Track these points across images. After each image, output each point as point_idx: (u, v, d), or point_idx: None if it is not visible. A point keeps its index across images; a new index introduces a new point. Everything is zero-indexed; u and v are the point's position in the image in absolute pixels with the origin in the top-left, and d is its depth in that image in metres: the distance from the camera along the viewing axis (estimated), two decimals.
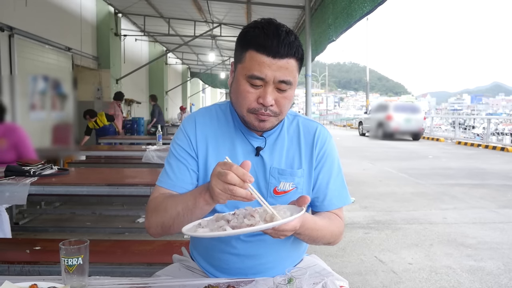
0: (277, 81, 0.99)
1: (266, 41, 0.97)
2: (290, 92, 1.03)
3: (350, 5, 3.67)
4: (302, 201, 0.91)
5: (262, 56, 0.98)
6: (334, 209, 1.16)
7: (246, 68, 1.00)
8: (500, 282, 2.73)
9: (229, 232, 0.81)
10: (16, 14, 5.34)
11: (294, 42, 1.00)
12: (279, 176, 1.10)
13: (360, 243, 3.51)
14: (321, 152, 1.14)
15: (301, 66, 1.06)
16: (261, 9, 7.16)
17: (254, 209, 0.86)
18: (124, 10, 8.88)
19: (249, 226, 0.81)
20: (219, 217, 0.88)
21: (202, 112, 1.17)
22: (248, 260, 1.10)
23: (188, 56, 15.24)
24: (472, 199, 5.25)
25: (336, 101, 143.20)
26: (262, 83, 1.00)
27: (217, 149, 1.11)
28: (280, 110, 1.04)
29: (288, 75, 1.00)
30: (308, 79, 5.25)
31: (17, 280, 0.93)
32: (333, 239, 1.12)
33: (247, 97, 1.02)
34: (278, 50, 0.97)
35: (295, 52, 1.00)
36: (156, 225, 1.04)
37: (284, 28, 1.00)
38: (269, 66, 0.98)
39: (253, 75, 0.99)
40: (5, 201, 2.29)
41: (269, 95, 1.00)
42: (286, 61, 0.99)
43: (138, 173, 2.73)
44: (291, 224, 0.86)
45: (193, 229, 0.87)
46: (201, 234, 0.83)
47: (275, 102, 1.02)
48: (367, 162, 8.93)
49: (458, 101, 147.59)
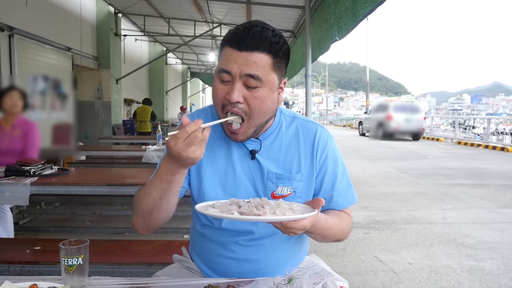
0: (243, 74, 0.95)
1: (236, 34, 0.96)
2: (261, 92, 0.97)
3: (354, 5, 3.67)
4: (317, 203, 0.89)
5: (230, 49, 0.96)
6: (342, 209, 1.14)
7: (219, 64, 0.99)
8: (500, 282, 2.73)
9: (235, 216, 0.82)
10: (16, 14, 5.34)
11: (268, 37, 0.95)
12: (277, 181, 1.07)
13: (360, 243, 3.51)
14: (323, 156, 1.11)
15: (281, 66, 1.01)
16: (261, 9, 7.16)
17: (267, 201, 0.86)
18: (124, 10, 8.88)
19: (256, 216, 0.82)
20: (233, 202, 0.89)
21: (198, 114, 1.16)
22: (247, 265, 1.09)
23: (188, 56, 15.24)
24: (472, 199, 5.25)
25: (336, 101, 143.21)
26: (230, 78, 0.97)
27: (212, 153, 1.09)
28: (250, 112, 0.98)
29: (256, 69, 0.95)
30: (308, 79, 5.26)
31: (17, 280, 0.93)
32: (343, 236, 1.10)
33: (217, 94, 1.00)
34: (243, 42, 0.94)
35: (266, 46, 0.95)
36: (139, 219, 1.03)
37: (263, 25, 0.98)
38: (235, 59, 0.95)
39: (221, 68, 0.97)
40: (6, 201, 2.30)
41: (236, 91, 0.95)
42: (255, 55, 0.95)
43: (138, 173, 2.73)
44: (301, 223, 0.85)
45: (204, 207, 0.89)
46: (210, 213, 0.85)
47: (244, 100, 0.97)
48: (367, 162, 8.92)
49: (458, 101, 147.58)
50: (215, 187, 1.08)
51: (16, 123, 2.70)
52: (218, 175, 1.09)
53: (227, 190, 1.08)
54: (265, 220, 0.82)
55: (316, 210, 0.88)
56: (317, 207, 0.89)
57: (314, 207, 0.89)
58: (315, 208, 0.88)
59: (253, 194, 1.08)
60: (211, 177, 1.09)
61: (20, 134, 2.69)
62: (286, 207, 0.86)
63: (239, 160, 1.08)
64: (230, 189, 1.08)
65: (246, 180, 1.08)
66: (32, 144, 2.71)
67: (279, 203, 0.87)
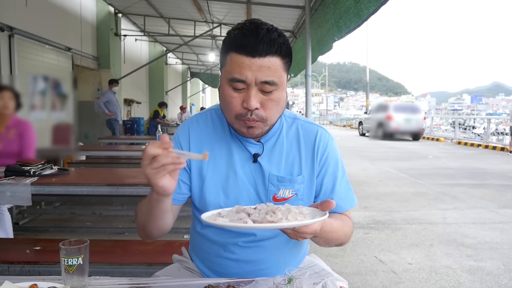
0: (259, 82, 0.93)
1: (244, 40, 0.93)
2: (277, 94, 0.97)
3: (356, 5, 3.66)
4: (327, 205, 0.85)
5: (241, 56, 0.93)
6: (342, 212, 1.12)
7: (228, 71, 0.96)
8: (500, 282, 2.73)
9: (250, 225, 0.79)
10: (16, 14, 5.34)
11: (276, 39, 0.94)
12: (278, 184, 1.06)
13: (360, 243, 3.51)
14: (323, 157, 1.10)
15: (289, 64, 1.00)
16: (261, 9, 7.16)
17: (277, 207, 0.84)
18: (124, 10, 8.88)
19: (271, 223, 0.79)
20: (239, 209, 0.86)
21: (197, 118, 1.14)
22: (247, 266, 1.09)
23: (188, 56, 15.24)
24: (472, 199, 5.25)
25: (336, 101, 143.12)
26: (244, 86, 0.95)
27: (213, 156, 1.08)
28: (266, 115, 0.98)
29: (271, 74, 0.94)
30: (308, 79, 5.25)
31: (17, 280, 0.93)
32: (346, 240, 1.09)
33: (231, 102, 0.97)
34: (256, 48, 0.92)
35: (277, 49, 0.94)
36: (138, 228, 1.09)
37: (266, 26, 0.95)
38: (249, 67, 0.92)
39: (234, 77, 0.94)
40: (8, 201, 2.30)
41: (252, 98, 0.94)
42: (268, 60, 0.93)
43: (138, 173, 2.72)
44: (312, 227, 0.82)
45: (212, 217, 0.86)
46: (221, 223, 0.81)
47: (261, 106, 0.96)
48: (367, 162, 8.92)
49: (458, 101, 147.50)
50: (217, 191, 1.08)
51: (11, 124, 2.67)
52: (220, 179, 1.08)
53: (229, 194, 1.07)
54: (281, 227, 0.80)
55: (326, 213, 0.85)
56: (327, 210, 0.86)
57: (324, 209, 0.86)
58: (325, 211, 0.86)
59: (255, 197, 1.07)
60: (212, 181, 1.08)
61: (15, 135, 2.66)
62: (296, 212, 0.83)
63: (241, 163, 1.07)
64: (232, 192, 1.07)
65: (248, 183, 1.07)
66: (29, 144, 2.69)
67: (289, 208, 0.84)
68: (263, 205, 0.86)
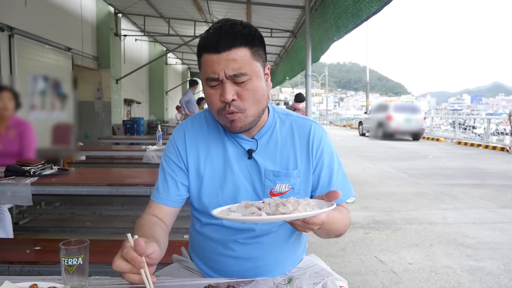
0: (229, 76, 0.96)
1: (210, 38, 0.97)
2: (251, 84, 0.99)
3: (355, 5, 3.65)
4: (333, 196, 0.87)
5: (209, 55, 0.97)
6: (340, 203, 1.13)
7: (203, 72, 1.00)
8: (500, 282, 2.73)
9: (265, 217, 0.80)
10: (16, 14, 5.34)
11: (239, 31, 0.97)
12: (275, 178, 1.08)
13: (360, 243, 3.51)
14: (318, 151, 1.12)
15: (261, 52, 1.02)
16: (261, 9, 7.15)
17: (286, 200, 0.85)
18: (124, 10, 8.87)
19: (284, 214, 0.81)
20: (248, 204, 0.87)
21: (191, 120, 1.17)
22: (246, 263, 1.10)
23: (188, 56, 15.22)
24: (472, 199, 5.25)
25: (336, 101, 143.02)
26: (218, 82, 0.98)
27: (209, 155, 1.11)
28: (244, 105, 1.00)
29: (239, 67, 0.96)
30: (308, 79, 5.25)
31: (17, 280, 0.93)
32: (345, 230, 1.11)
33: (211, 100, 1.02)
34: (219, 43, 0.95)
35: (241, 40, 0.96)
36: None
37: (230, 22, 0.99)
38: (217, 63, 0.96)
39: (208, 77, 0.98)
40: (9, 201, 2.30)
41: (227, 91, 0.97)
42: (234, 53, 0.95)
43: (138, 173, 2.73)
44: (321, 217, 0.84)
45: (225, 213, 0.87)
46: (235, 218, 0.82)
47: (238, 97, 0.99)
48: (367, 162, 8.92)
49: (458, 101, 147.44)
50: (215, 189, 1.09)
51: (11, 124, 2.67)
52: (217, 177, 1.09)
53: (227, 191, 1.08)
54: (294, 218, 0.81)
55: (333, 203, 0.86)
56: (333, 200, 0.87)
57: (330, 200, 0.88)
58: (331, 201, 0.87)
59: (252, 193, 1.08)
60: (210, 179, 1.10)
61: (15, 135, 2.66)
62: (305, 203, 0.85)
63: (236, 160, 1.09)
64: (229, 190, 1.08)
65: (245, 180, 1.09)
66: (28, 144, 2.68)
67: (297, 200, 0.85)
68: (269, 199, 0.88)
